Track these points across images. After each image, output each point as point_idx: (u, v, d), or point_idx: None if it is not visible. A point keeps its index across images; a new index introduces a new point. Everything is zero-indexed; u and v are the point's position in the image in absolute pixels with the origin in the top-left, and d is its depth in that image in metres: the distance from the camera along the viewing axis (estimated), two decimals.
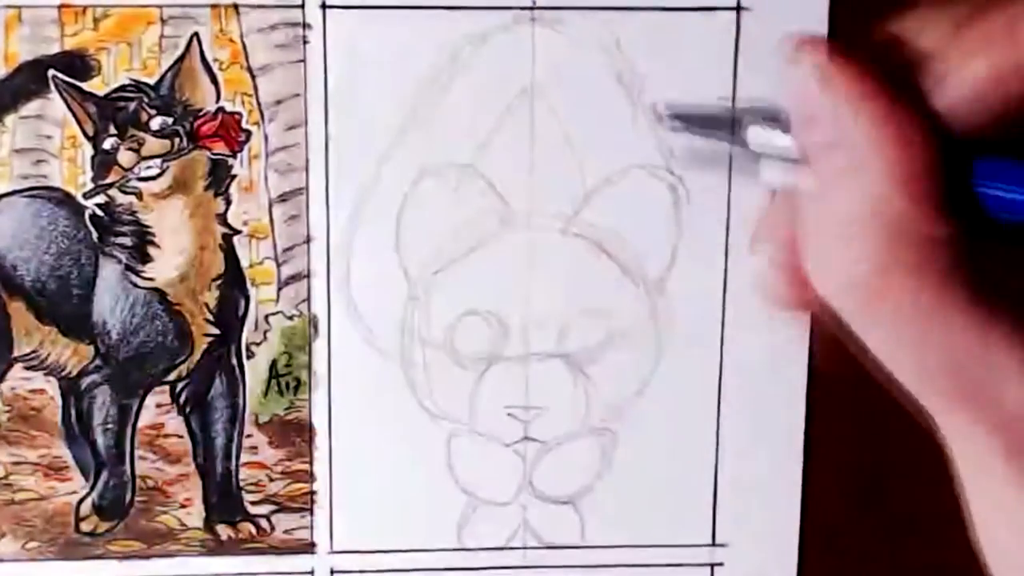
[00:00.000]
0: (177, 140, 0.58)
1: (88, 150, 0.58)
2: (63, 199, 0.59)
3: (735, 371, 0.62)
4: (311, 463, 0.62)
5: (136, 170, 0.58)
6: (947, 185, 0.32)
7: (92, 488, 0.61)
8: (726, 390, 0.62)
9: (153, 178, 0.59)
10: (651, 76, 0.59)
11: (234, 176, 0.59)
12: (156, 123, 0.58)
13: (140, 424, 0.61)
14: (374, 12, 0.58)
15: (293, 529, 0.62)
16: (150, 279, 0.60)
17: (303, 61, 0.58)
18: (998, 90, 0.32)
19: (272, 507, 0.62)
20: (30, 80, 0.57)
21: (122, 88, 0.58)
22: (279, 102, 0.59)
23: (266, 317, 0.60)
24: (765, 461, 0.63)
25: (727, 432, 0.63)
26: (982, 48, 0.32)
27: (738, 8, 0.58)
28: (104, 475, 0.61)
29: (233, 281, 0.60)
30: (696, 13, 0.58)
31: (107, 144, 0.58)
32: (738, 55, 0.59)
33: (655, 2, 0.58)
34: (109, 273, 0.60)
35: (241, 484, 0.62)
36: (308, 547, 0.63)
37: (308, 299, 0.60)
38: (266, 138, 0.59)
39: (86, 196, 0.59)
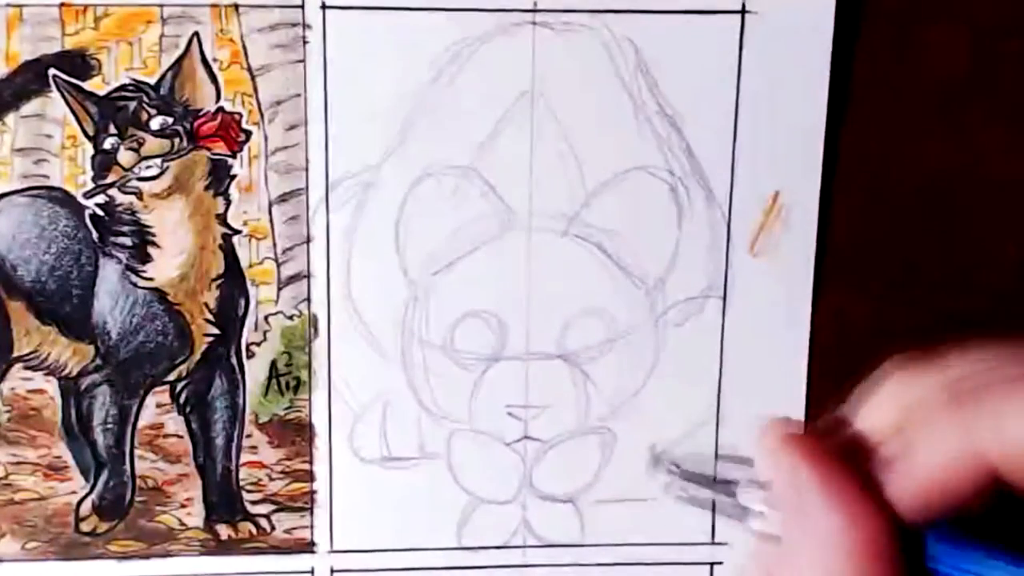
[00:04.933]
0: (177, 140, 0.58)
1: (88, 149, 0.58)
2: (63, 199, 0.58)
3: (734, 371, 0.62)
4: (311, 463, 0.62)
5: (136, 170, 0.58)
6: (906, 565, 0.34)
7: (92, 488, 0.61)
8: (725, 390, 0.62)
9: (153, 178, 0.59)
10: (654, 78, 0.59)
11: (234, 176, 0.59)
12: (156, 123, 0.58)
13: (140, 424, 0.61)
14: (374, 12, 0.58)
15: (293, 529, 0.63)
16: (150, 279, 0.60)
17: (303, 61, 0.58)
18: (948, 481, 0.34)
19: (272, 507, 0.62)
20: (31, 79, 0.57)
21: (122, 88, 0.58)
22: (279, 102, 0.58)
23: (266, 317, 0.60)
24: None
25: (726, 431, 0.63)
26: (930, 442, 0.34)
27: (743, 11, 0.58)
28: (104, 475, 0.61)
29: (233, 281, 0.60)
30: (700, 16, 0.58)
31: (107, 144, 0.58)
32: (742, 58, 0.59)
33: (658, 4, 0.58)
34: (109, 273, 0.60)
35: (241, 484, 0.62)
36: (308, 547, 0.63)
37: (308, 299, 0.60)
38: (266, 138, 0.59)
39: (86, 196, 0.58)
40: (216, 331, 0.61)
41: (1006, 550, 0.35)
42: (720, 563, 0.64)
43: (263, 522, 0.62)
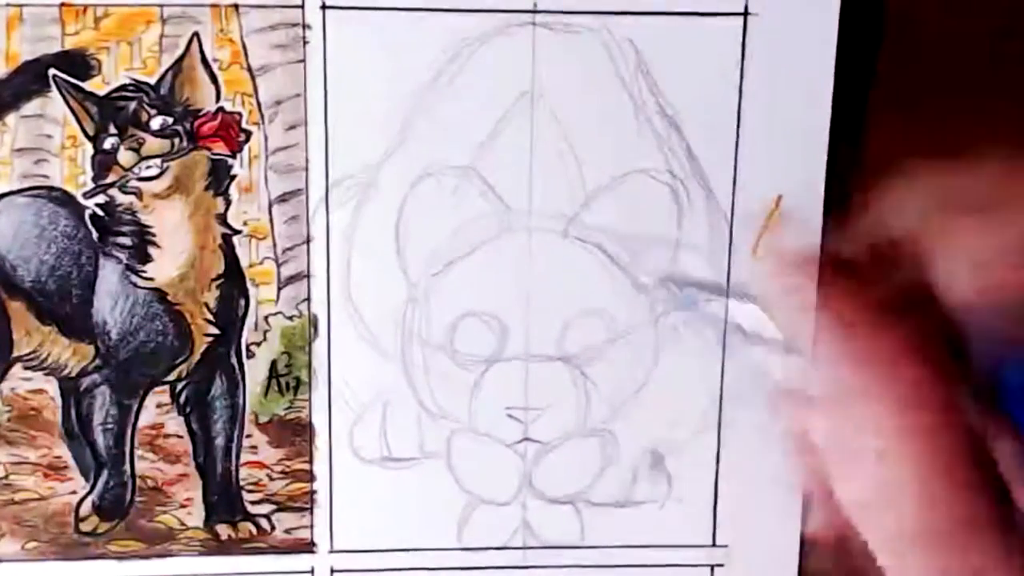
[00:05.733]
0: (177, 140, 0.58)
1: (88, 149, 0.58)
2: (63, 199, 0.58)
3: (735, 372, 0.62)
4: (311, 463, 0.62)
5: (136, 170, 0.58)
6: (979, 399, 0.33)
7: (92, 488, 0.61)
8: (726, 391, 0.62)
9: (153, 178, 0.59)
10: (654, 80, 0.59)
11: (234, 176, 0.59)
12: (156, 123, 0.58)
13: (140, 424, 0.61)
14: (374, 12, 0.58)
15: (293, 529, 0.63)
16: (150, 279, 0.60)
17: (303, 61, 0.58)
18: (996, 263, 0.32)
19: (272, 507, 0.62)
20: (31, 79, 0.57)
21: (122, 88, 0.58)
22: (279, 102, 0.58)
23: (266, 317, 0.60)
24: (766, 463, 0.62)
25: (728, 433, 0.63)
26: (964, 233, 0.33)
27: (745, 13, 0.58)
28: (104, 475, 0.61)
29: (233, 281, 0.60)
30: (702, 18, 0.58)
31: (107, 144, 0.58)
32: (745, 60, 0.59)
33: (660, 6, 0.58)
34: (109, 273, 0.60)
35: (241, 484, 0.62)
36: (308, 547, 0.63)
37: (308, 299, 0.60)
38: (266, 138, 0.59)
39: (86, 196, 0.59)
40: (216, 331, 0.61)
41: None
42: (721, 565, 0.64)
43: (263, 522, 0.62)
